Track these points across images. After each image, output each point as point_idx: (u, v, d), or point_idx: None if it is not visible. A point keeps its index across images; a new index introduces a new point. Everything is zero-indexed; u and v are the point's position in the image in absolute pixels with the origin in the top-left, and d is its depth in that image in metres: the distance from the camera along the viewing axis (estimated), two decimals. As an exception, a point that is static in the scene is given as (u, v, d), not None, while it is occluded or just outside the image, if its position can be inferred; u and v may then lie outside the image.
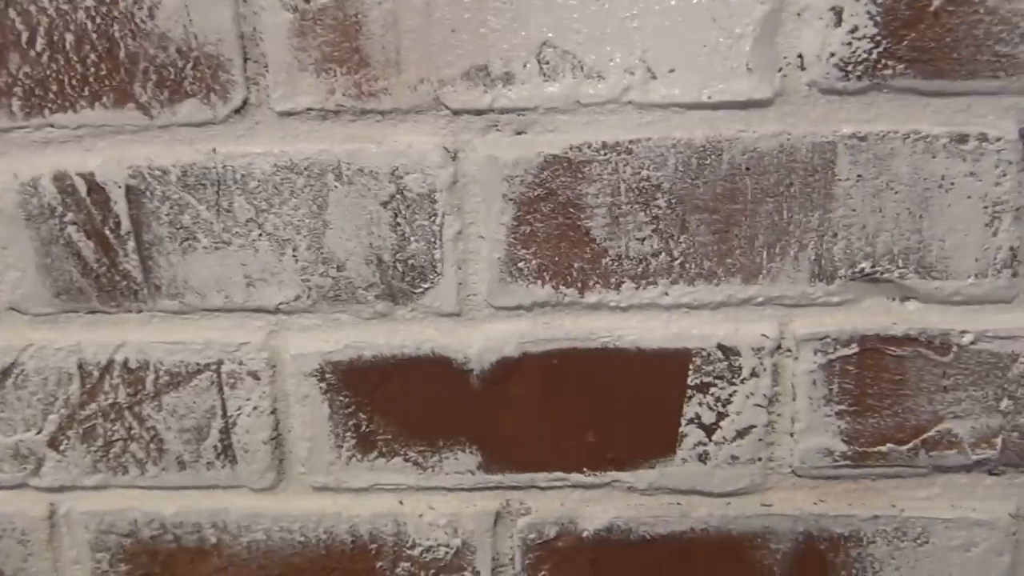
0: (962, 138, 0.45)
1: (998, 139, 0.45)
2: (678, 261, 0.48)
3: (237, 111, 0.48)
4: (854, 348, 0.48)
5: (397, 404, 0.51)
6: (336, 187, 0.48)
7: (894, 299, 0.48)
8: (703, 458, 0.50)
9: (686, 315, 0.49)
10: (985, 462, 0.49)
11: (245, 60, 0.47)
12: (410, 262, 0.49)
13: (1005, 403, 0.48)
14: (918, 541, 0.50)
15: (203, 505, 0.53)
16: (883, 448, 0.49)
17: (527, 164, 0.47)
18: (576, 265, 0.48)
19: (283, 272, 0.50)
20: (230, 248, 0.49)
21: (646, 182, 0.47)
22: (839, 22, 0.45)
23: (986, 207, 0.46)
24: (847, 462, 0.49)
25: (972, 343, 0.47)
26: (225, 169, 0.49)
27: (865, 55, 0.45)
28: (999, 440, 0.48)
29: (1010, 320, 0.47)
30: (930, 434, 0.48)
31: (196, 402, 0.51)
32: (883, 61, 0.45)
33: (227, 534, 0.53)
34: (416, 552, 0.52)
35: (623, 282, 0.48)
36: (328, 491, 0.53)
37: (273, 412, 0.51)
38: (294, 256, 0.49)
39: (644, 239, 0.48)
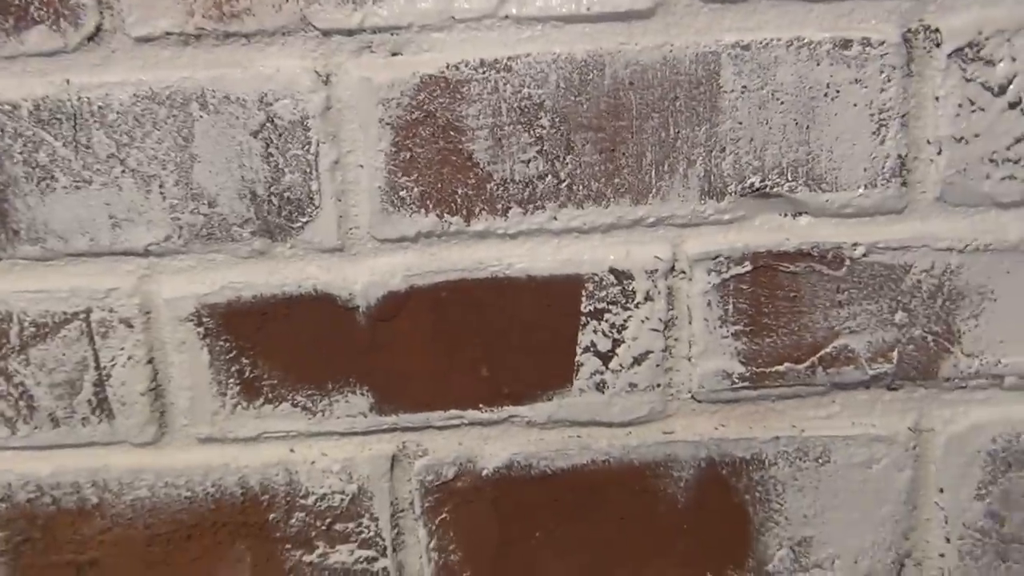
0: (845, 43, 0.45)
1: (881, 43, 0.44)
2: (565, 183, 0.47)
3: (90, 38, 0.46)
4: (747, 266, 0.47)
5: (281, 347, 0.49)
6: (202, 117, 0.46)
7: (786, 215, 0.47)
8: (601, 387, 0.49)
9: (576, 239, 0.48)
10: (882, 377, 0.49)
11: (93, -19, 0.44)
12: (286, 195, 0.47)
13: (899, 315, 0.48)
14: (819, 461, 0.50)
15: (81, 464, 0.51)
16: (781, 368, 0.49)
17: (403, 86, 0.46)
18: (460, 191, 0.47)
19: (151, 211, 0.47)
20: (92, 187, 0.47)
21: (528, 101, 0.46)
22: (717, -76, 0.43)
23: (872, 115, 0.45)
24: (746, 383, 0.49)
25: (864, 255, 0.47)
26: (80, 101, 0.46)
27: (744, -42, 0.44)
28: (895, 354, 0.48)
29: (901, 231, 0.47)
30: (827, 351, 0.48)
31: (66, 354, 0.49)
32: (763, -36, 0.44)
33: (109, 493, 0.51)
34: (310, 501, 0.51)
35: (510, 208, 0.47)
36: (214, 442, 0.51)
37: (150, 361, 0.49)
38: (161, 193, 0.47)
39: (529, 161, 0.46)
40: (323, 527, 0.52)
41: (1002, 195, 0.46)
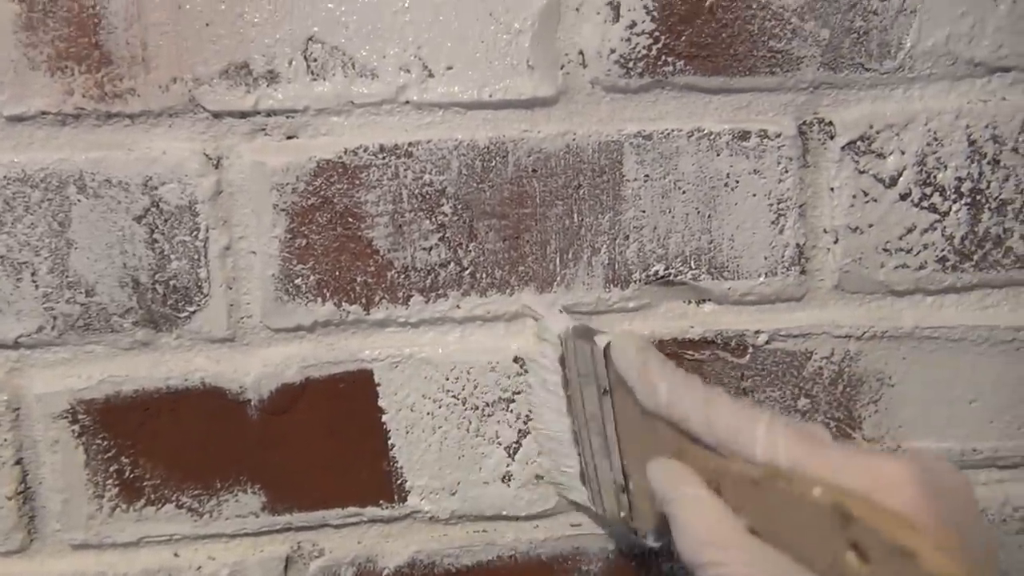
0: (744, 135, 0.47)
1: (778, 135, 0.48)
2: (468, 271, 0.48)
3: (-45, 116, 0.45)
4: (653, 354, 0.49)
5: (165, 444, 0.48)
6: (80, 201, 0.46)
7: (690, 302, 0.50)
8: (506, 479, 0.50)
9: (480, 327, 0.49)
10: (787, 463, 0.51)
11: (-39, 58, 0.44)
12: (172, 283, 0.47)
13: (802, 402, 0.50)
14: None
15: (-65, 577, 0.48)
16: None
17: (299, 170, 0.46)
18: (360, 279, 0.48)
19: (21, 300, 0.46)
20: (-47, 275, 0.45)
21: (429, 187, 0.47)
22: (617, 17, 0.46)
23: (771, 204, 0.48)
24: (653, 473, 0.50)
25: (767, 343, 0.49)
26: (-57, 183, 0.45)
27: (645, 51, 0.46)
28: (799, 440, 0.50)
29: (801, 318, 0.50)
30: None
31: (-81, 457, 0.47)
32: (663, 58, 0.47)
33: (-34, 609, 0.48)
34: (196, 609, 0.50)
35: (411, 295, 0.48)
36: (90, 548, 0.49)
37: (18, 463, 0.48)
38: (34, 281, 0.46)
39: (431, 248, 0.47)
40: (210, 637, 0.50)
41: (896, 283, 0.50)
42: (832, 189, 0.49)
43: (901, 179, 0.49)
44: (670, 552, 0.52)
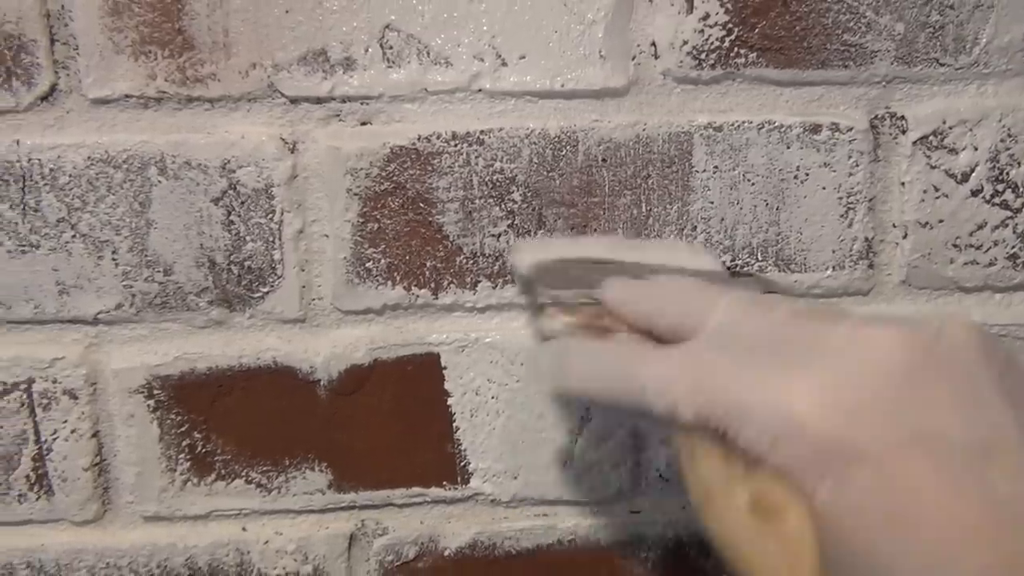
0: (815, 128, 0.50)
1: (850, 129, 0.50)
2: (536, 258, 0.51)
3: (44, 98, 0.49)
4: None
5: (236, 421, 0.52)
6: (160, 182, 0.49)
7: (756, 293, 0.52)
8: (568, 464, 0.53)
9: (546, 315, 0.52)
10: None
11: (52, 41, 0.47)
12: (247, 264, 0.50)
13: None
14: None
15: (16, 543, 0.53)
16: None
17: (372, 156, 0.50)
18: (429, 264, 0.51)
19: (102, 278, 0.50)
20: (39, 252, 0.50)
21: (500, 175, 0.50)
22: (691, 9, 0.49)
23: (840, 198, 0.51)
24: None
25: (832, 336, 0.52)
26: (31, 163, 0.49)
27: (717, 43, 0.49)
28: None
29: (867, 313, 0.52)
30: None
31: (3, 427, 0.51)
32: (735, 50, 0.49)
33: (45, 575, 0.53)
34: (262, 582, 0.54)
35: (479, 281, 0.51)
36: (161, 520, 0.53)
37: (95, 435, 0.52)
38: (114, 259, 0.50)
39: (500, 235, 0.51)
40: (275, 610, 0.54)
41: (965, 280, 0.52)
42: (903, 184, 0.51)
43: (973, 175, 0.51)
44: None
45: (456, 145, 0.50)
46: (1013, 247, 0.52)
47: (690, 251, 0.50)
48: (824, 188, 0.51)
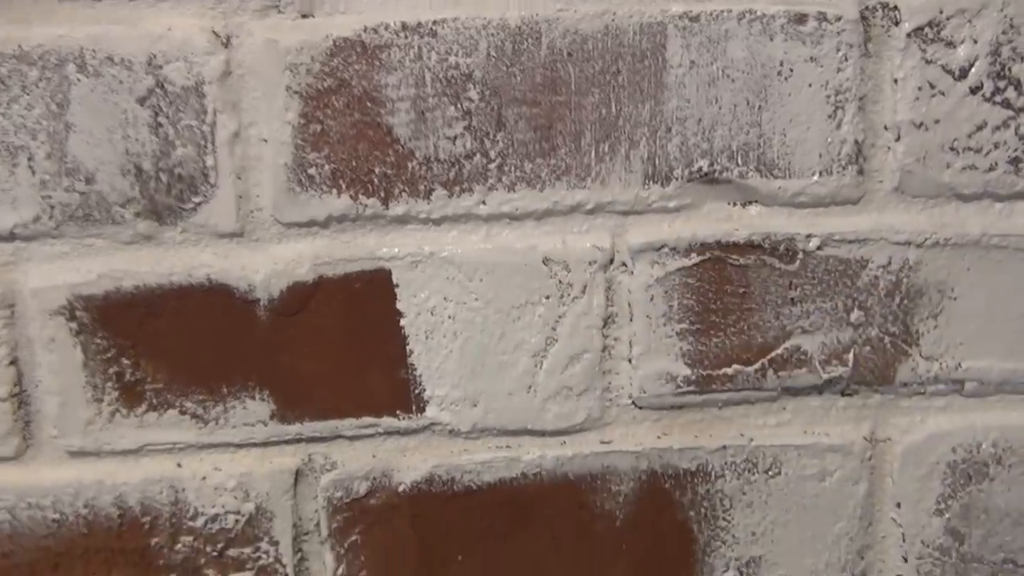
0: (800, 18, 0.46)
1: (838, 19, 0.46)
2: (495, 163, 0.47)
3: (-54, -15, 0.44)
4: (694, 258, 0.48)
5: (168, 345, 0.48)
6: (79, 80, 0.45)
7: (735, 204, 0.49)
8: (532, 390, 0.49)
9: (507, 227, 0.48)
10: (837, 381, 0.50)
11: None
12: (177, 171, 0.46)
13: (855, 314, 0.49)
14: (769, 473, 0.51)
15: (-73, 482, 0.48)
16: (728, 370, 0.50)
17: (313, 50, 0.45)
18: (378, 170, 0.47)
19: (17, 188, 0.46)
20: (-56, 157, 0.45)
21: (455, 70, 0.46)
22: None
23: (828, 96, 0.47)
24: (692, 387, 0.50)
25: (818, 248, 0.48)
26: (-67, 57, 0.44)
27: (693, -78, 0.45)
28: (851, 356, 0.50)
29: (857, 222, 0.49)
30: (778, 352, 0.49)
31: (-90, 352, 0.47)
32: (712, -71, 0.45)
33: (-41, 516, 0.49)
34: (199, 523, 0.50)
35: (433, 189, 0.47)
36: (87, 456, 0.49)
37: (12, 363, 0.48)
38: (30, 167, 0.46)
39: (455, 138, 0.47)
40: (214, 553, 0.50)
41: (963, 186, 0.48)
42: (896, 81, 0.47)
43: (972, 71, 0.47)
44: (706, 474, 0.51)
45: (406, 37, 0.46)
46: (1015, 150, 0.48)
47: None
48: (810, 85, 0.47)
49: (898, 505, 0.52)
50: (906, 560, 0.53)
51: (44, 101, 0.46)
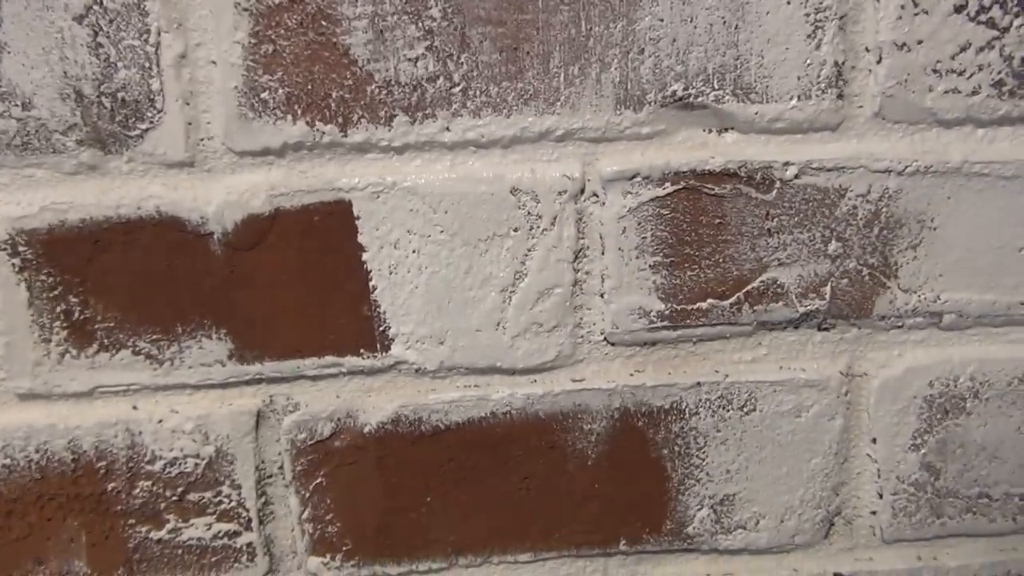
0: (779, -69, 0.44)
1: (819, -68, 0.44)
2: (459, 87, 0.44)
3: None
4: (667, 188, 0.46)
5: (118, 281, 0.46)
6: (11, -4, 0.42)
7: (710, 131, 0.47)
8: (501, 327, 0.47)
9: (473, 155, 0.46)
10: (814, 315, 0.49)
11: None
12: (120, 96, 0.43)
13: (833, 246, 0.48)
14: (744, 409, 0.50)
15: None
16: (703, 305, 0.48)
17: (264, -36, 0.42)
18: (335, 94, 0.44)
19: (-52, 113, 0.43)
20: None
21: (415, -13, 0.43)
22: None
23: (807, 15, 0.45)
24: (665, 323, 0.48)
25: (796, 177, 0.46)
26: None
27: None
28: (827, 289, 0.48)
29: (836, 149, 0.47)
30: (754, 285, 0.48)
31: None
32: None
33: (-98, 462, 0.46)
34: (157, 467, 0.48)
35: (395, 115, 0.45)
36: (37, 398, 0.47)
37: (-48, 301, 0.45)
38: (-39, 91, 0.43)
39: (417, 59, 0.44)
40: (174, 498, 0.49)
41: (945, 111, 0.46)
42: (877, -1, 0.45)
43: (957, -12, 0.45)
44: (680, 412, 0.50)
45: (363, -49, 0.43)
46: (999, 72, 0.46)
47: None
48: (789, 3, 0.45)
49: (874, 440, 0.52)
50: (881, 496, 0.52)
51: (-25, 21, 0.43)
